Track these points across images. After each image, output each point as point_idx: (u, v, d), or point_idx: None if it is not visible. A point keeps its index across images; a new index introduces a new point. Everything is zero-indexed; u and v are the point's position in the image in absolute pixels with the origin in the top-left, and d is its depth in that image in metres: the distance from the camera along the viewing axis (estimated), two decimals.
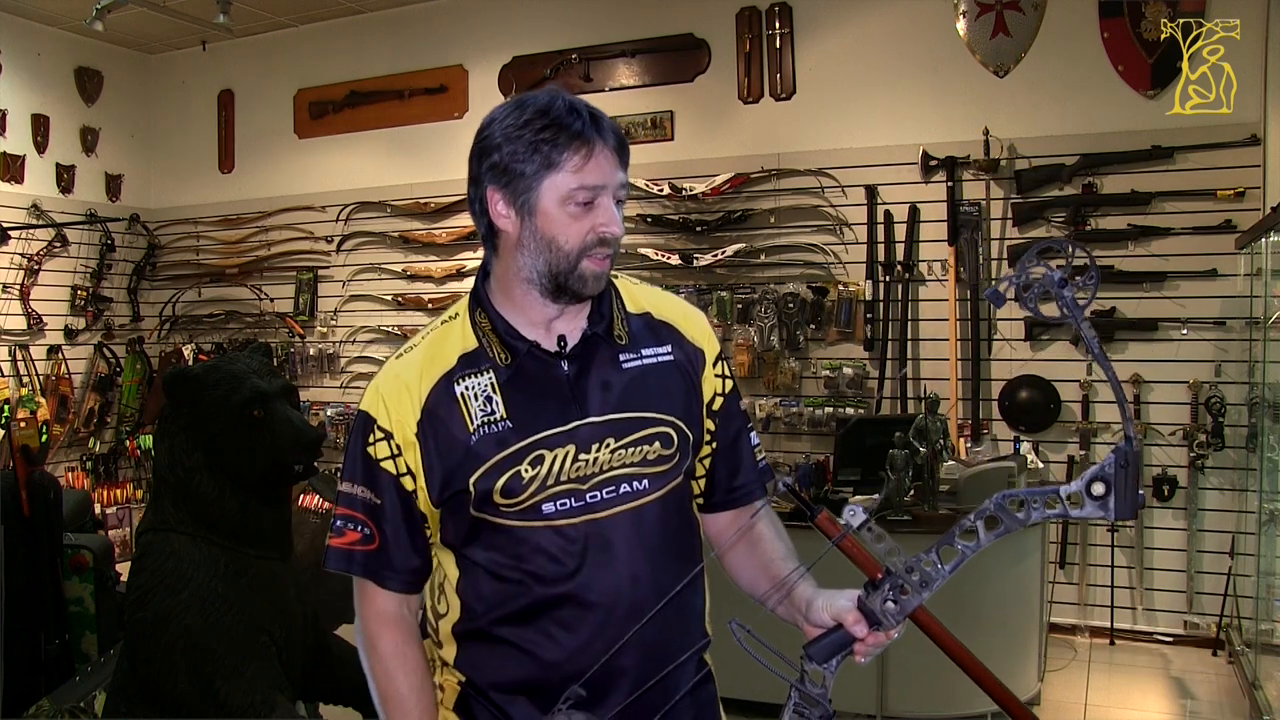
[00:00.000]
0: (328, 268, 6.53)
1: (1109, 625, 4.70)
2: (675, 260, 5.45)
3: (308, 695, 2.85)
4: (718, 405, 1.46)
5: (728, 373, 1.49)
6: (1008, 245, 4.91)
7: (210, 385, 2.61)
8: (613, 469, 1.35)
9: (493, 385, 1.35)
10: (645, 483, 1.36)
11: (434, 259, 6.22)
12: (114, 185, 6.95)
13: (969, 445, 4.54)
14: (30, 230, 6.31)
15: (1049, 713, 3.88)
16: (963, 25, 4.98)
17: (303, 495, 4.30)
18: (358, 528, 1.37)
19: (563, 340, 1.38)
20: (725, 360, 1.50)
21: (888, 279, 5.09)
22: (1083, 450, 4.73)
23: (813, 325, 5.20)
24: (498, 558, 1.35)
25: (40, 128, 6.47)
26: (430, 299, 6.17)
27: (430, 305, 6.15)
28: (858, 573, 1.22)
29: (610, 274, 1.40)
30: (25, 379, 6.24)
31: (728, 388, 1.48)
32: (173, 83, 7.15)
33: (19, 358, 6.26)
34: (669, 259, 5.46)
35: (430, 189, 6.17)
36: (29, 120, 6.41)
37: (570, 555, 1.33)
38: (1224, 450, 4.46)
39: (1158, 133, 4.57)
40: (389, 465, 1.35)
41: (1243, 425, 4.45)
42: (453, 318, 1.42)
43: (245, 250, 6.80)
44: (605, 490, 1.34)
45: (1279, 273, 4.00)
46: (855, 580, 1.24)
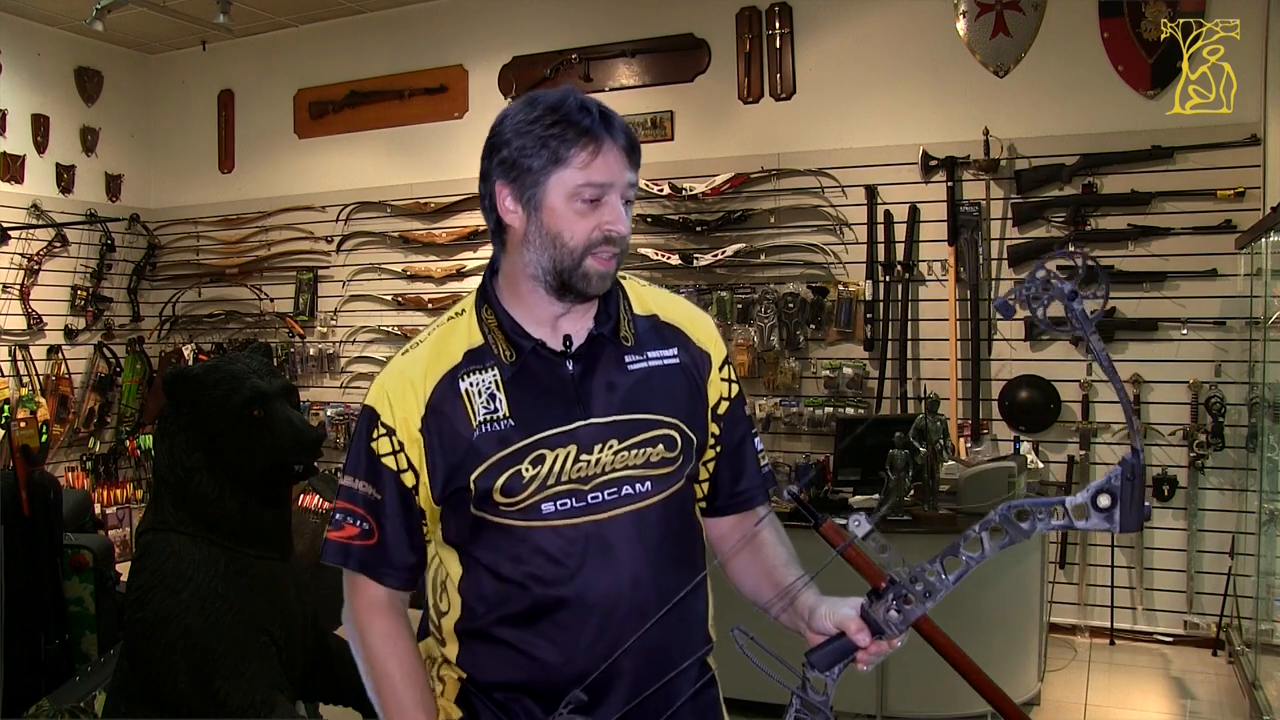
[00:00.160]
0: (328, 268, 6.53)
1: (1109, 625, 4.70)
2: (675, 260, 5.44)
3: (308, 695, 2.85)
4: (723, 409, 1.46)
5: (734, 377, 1.49)
6: (1008, 245, 4.91)
7: (210, 385, 2.61)
8: (615, 470, 1.34)
9: (497, 382, 1.34)
10: (648, 485, 1.36)
11: (434, 259, 6.21)
12: (114, 185, 6.95)
13: (969, 445, 4.54)
14: (30, 230, 6.30)
15: (1049, 713, 3.88)
16: (963, 25, 4.98)
17: (303, 495, 4.31)
18: (357, 522, 1.37)
19: (568, 339, 1.37)
20: (731, 364, 1.50)
21: (888, 279, 5.09)
22: (1083, 450, 4.73)
23: (813, 325, 5.20)
24: (499, 557, 1.35)
25: (40, 128, 6.46)
26: (430, 299, 6.17)
27: (430, 305, 6.15)
28: (861, 580, 1.22)
29: (619, 275, 1.40)
30: (25, 379, 6.24)
31: (733, 392, 1.48)
32: (173, 83, 7.14)
33: (19, 358, 6.25)
34: (669, 259, 5.45)
35: (430, 189, 6.17)
36: (29, 120, 6.40)
37: (570, 556, 1.32)
38: (1224, 450, 4.46)
39: (1158, 133, 4.57)
40: (390, 461, 1.35)
41: (1243, 425, 4.45)
42: (459, 314, 1.42)
43: (245, 250, 6.79)
44: (607, 491, 1.34)
45: (1279, 273, 4.00)
46: (859, 587, 1.23)
